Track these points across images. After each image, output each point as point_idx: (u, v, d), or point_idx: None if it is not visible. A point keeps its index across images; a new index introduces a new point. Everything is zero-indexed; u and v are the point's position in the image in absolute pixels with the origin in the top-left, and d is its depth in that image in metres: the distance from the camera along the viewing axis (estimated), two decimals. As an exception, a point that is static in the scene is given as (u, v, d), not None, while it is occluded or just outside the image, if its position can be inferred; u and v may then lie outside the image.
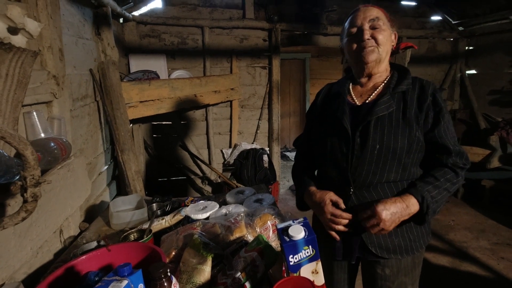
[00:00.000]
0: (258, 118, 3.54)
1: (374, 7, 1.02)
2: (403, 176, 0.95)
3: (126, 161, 2.00)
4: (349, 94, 1.08)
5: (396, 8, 3.91)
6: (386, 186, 0.95)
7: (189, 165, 3.47)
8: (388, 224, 0.86)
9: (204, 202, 1.50)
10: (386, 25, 1.00)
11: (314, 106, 1.18)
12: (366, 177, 0.95)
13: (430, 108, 0.94)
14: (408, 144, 0.92)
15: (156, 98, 2.44)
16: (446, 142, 0.93)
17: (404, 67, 1.07)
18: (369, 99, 1.02)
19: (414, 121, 0.93)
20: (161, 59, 2.99)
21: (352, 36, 1.00)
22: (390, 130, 0.93)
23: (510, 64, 3.66)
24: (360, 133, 0.95)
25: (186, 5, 3.08)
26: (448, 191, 0.91)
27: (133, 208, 1.57)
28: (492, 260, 2.40)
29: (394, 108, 0.95)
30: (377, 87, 1.03)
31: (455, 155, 0.93)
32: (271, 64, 3.39)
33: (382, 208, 0.86)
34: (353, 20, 1.00)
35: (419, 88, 0.98)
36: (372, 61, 0.98)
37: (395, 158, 0.93)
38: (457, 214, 3.23)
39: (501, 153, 3.12)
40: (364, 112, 0.98)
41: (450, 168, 0.93)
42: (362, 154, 0.94)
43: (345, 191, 0.98)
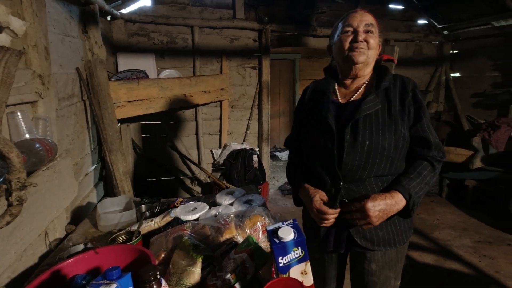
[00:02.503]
0: (248, 119, 3.54)
1: (370, 14, 1.06)
2: (390, 170, 1.00)
3: (114, 161, 1.96)
4: (334, 93, 1.11)
5: (385, 11, 3.99)
6: (374, 180, 0.99)
7: (178, 165, 3.44)
8: (375, 220, 0.91)
9: (194, 203, 1.49)
10: (377, 33, 1.05)
11: (302, 104, 1.20)
12: (356, 172, 0.98)
13: (411, 104, 1.00)
14: (395, 140, 0.96)
15: (145, 98, 2.41)
16: (428, 136, 0.98)
17: (382, 65, 1.11)
18: (354, 98, 1.06)
19: (399, 118, 0.98)
20: (150, 58, 2.96)
21: (346, 35, 1.03)
22: (378, 127, 0.97)
23: (492, 68, 3.79)
24: (350, 130, 0.98)
25: (176, 4, 3.06)
26: (428, 184, 0.97)
27: (121, 210, 1.55)
28: (474, 258, 2.48)
29: (379, 106, 0.99)
30: (360, 87, 1.08)
31: (434, 148, 0.98)
32: (261, 64, 3.40)
33: (371, 205, 0.91)
34: (350, 20, 1.03)
35: (400, 84, 1.03)
36: (361, 63, 1.02)
37: (383, 154, 0.96)
38: (442, 213, 3.32)
39: (483, 154, 3.22)
40: (351, 110, 1.02)
41: (429, 161, 0.98)
42: (353, 150, 0.97)
43: (334, 186, 1.01)
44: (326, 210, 0.98)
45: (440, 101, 4.39)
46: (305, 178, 1.13)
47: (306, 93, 1.20)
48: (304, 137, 1.13)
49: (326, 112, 1.03)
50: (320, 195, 1.02)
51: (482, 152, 3.23)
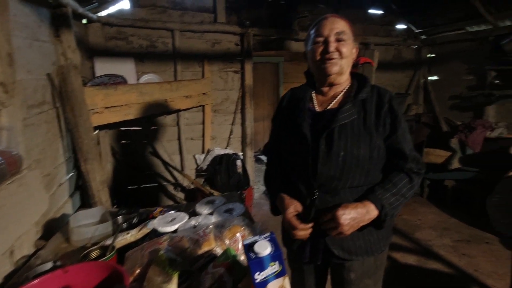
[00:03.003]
0: (231, 123, 3.51)
1: (341, 19, 1.04)
2: (366, 181, 0.99)
3: (90, 171, 1.88)
4: (311, 101, 1.10)
5: (364, 16, 4.06)
6: (349, 191, 0.98)
7: (160, 172, 3.36)
8: (346, 228, 0.90)
9: (173, 213, 1.44)
10: (350, 39, 1.03)
11: (279, 112, 1.19)
12: (331, 183, 0.97)
13: (387, 115, 0.98)
14: (370, 151, 0.96)
15: (124, 103, 2.34)
16: (403, 147, 0.97)
17: (363, 75, 1.11)
18: (330, 106, 1.05)
19: (373, 129, 0.97)
20: (129, 62, 2.88)
21: (317, 45, 1.02)
22: (353, 138, 0.96)
23: (467, 71, 3.92)
24: (325, 140, 0.97)
25: (156, 8, 3.00)
26: (404, 197, 0.96)
27: (97, 222, 1.48)
28: (454, 257, 2.53)
29: (355, 116, 0.98)
30: (337, 95, 1.07)
31: (411, 161, 0.97)
32: (243, 68, 3.38)
33: (342, 213, 0.89)
34: (320, 29, 1.02)
35: (377, 95, 1.01)
36: (334, 73, 1.01)
37: (358, 165, 0.95)
38: (423, 214, 3.39)
39: (460, 155, 3.32)
40: (327, 119, 1.00)
41: (406, 173, 0.97)
42: (328, 160, 0.95)
43: (309, 196, 1.00)
44: (296, 225, 0.97)
45: (419, 103, 4.51)
46: (283, 186, 1.11)
47: (283, 100, 1.19)
48: (280, 145, 1.12)
49: (302, 121, 1.02)
50: (295, 206, 1.01)
51: (460, 153, 3.33)
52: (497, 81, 3.52)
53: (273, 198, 1.14)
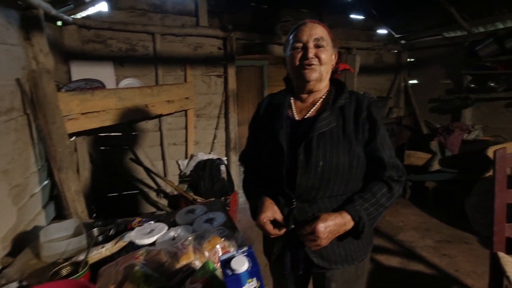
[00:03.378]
0: (215, 128, 3.47)
1: (320, 25, 1.03)
2: (345, 190, 0.97)
3: (64, 180, 1.79)
4: (290, 108, 1.08)
5: (346, 21, 4.12)
6: (328, 200, 0.96)
7: (142, 178, 3.26)
8: (325, 241, 0.89)
9: (152, 224, 1.39)
10: (329, 45, 1.02)
11: (256, 118, 1.16)
12: (310, 193, 0.95)
13: (365, 122, 0.97)
14: (349, 160, 0.94)
15: (101, 109, 2.26)
16: (382, 155, 0.96)
17: (341, 81, 1.10)
18: (309, 114, 1.03)
19: (353, 137, 0.95)
20: (107, 66, 2.79)
21: (296, 51, 1.00)
22: (332, 146, 0.94)
23: (444, 75, 4.05)
24: (304, 149, 0.95)
25: (135, 10, 2.92)
26: (384, 206, 0.94)
27: (70, 236, 1.40)
28: (436, 258, 2.58)
29: (334, 124, 0.96)
30: (316, 102, 1.05)
31: (390, 168, 0.96)
32: (226, 72, 3.35)
33: (322, 226, 0.87)
34: (299, 35, 1.00)
35: (356, 102, 1.00)
36: (313, 80, 1.00)
37: (337, 174, 0.94)
38: (406, 215, 3.44)
39: (440, 157, 3.40)
40: (305, 127, 0.98)
41: (385, 182, 0.96)
42: (306, 171, 0.93)
43: (287, 206, 0.97)
44: (269, 229, 0.95)
45: (400, 106, 4.61)
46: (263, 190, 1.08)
47: (260, 107, 1.16)
48: (257, 154, 1.09)
49: (279, 130, 0.99)
50: (273, 211, 0.97)
51: (440, 155, 3.41)
52: (472, 85, 3.64)
53: (253, 202, 1.10)
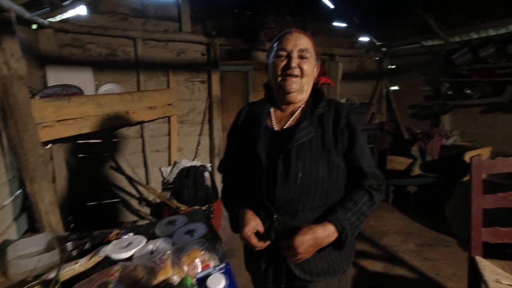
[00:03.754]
0: (199, 134, 3.42)
1: (306, 36, 1.03)
2: (326, 201, 0.96)
3: (38, 191, 1.71)
4: (269, 117, 1.06)
5: (329, 28, 4.19)
6: (309, 212, 0.95)
7: (123, 186, 3.17)
8: (306, 255, 0.88)
9: (130, 237, 1.33)
10: (313, 57, 1.02)
11: (235, 128, 1.14)
12: (290, 205, 0.93)
13: (344, 131, 0.96)
14: (329, 171, 0.93)
15: (79, 116, 2.17)
16: (361, 164, 0.96)
17: (320, 90, 1.09)
18: (288, 125, 1.02)
19: (332, 147, 0.95)
20: (86, 71, 2.70)
21: (279, 59, 1.00)
22: (311, 157, 0.93)
23: (423, 82, 4.17)
24: (283, 161, 0.93)
25: (116, 15, 2.86)
26: (365, 215, 0.94)
27: (42, 251, 1.33)
28: (418, 262, 2.62)
29: (313, 134, 0.95)
30: (295, 112, 1.04)
31: (370, 177, 0.96)
32: (210, 78, 3.32)
33: (301, 240, 0.86)
34: (284, 43, 0.99)
35: (334, 110, 1.00)
36: (294, 91, 1.00)
37: (317, 186, 0.93)
38: (389, 219, 3.49)
39: (421, 162, 3.49)
40: (284, 138, 0.97)
41: (366, 190, 0.96)
42: (286, 183, 0.92)
43: (268, 218, 0.95)
44: (254, 243, 0.93)
45: (382, 112, 4.71)
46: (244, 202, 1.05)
47: (239, 116, 1.14)
48: (236, 165, 1.07)
49: (257, 141, 0.98)
50: (256, 223, 0.95)
51: (420, 160, 3.49)
52: (450, 92, 3.77)
53: (233, 213, 1.08)
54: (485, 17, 3.23)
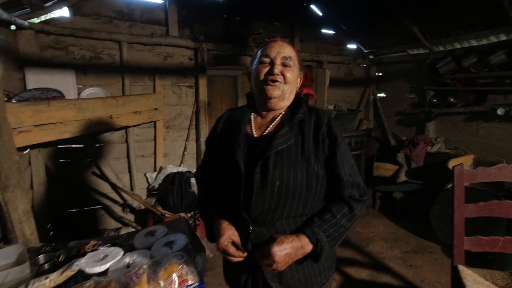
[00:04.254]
0: (185, 139, 3.37)
1: (290, 45, 1.03)
2: (304, 211, 0.93)
3: (10, 200, 1.63)
4: (249, 124, 1.05)
5: (318, 35, 4.23)
6: (286, 222, 0.92)
7: (107, 192, 3.08)
8: (281, 265, 0.85)
9: (106, 249, 1.28)
10: (296, 66, 1.02)
11: (214, 134, 1.11)
12: (266, 216, 0.91)
13: (325, 138, 0.95)
14: (307, 180, 0.91)
15: (58, 121, 2.10)
16: (342, 173, 0.93)
17: (300, 97, 1.08)
18: (267, 131, 1.00)
19: (312, 154, 0.93)
20: (68, 74, 2.63)
21: (262, 65, 0.99)
22: (289, 165, 0.90)
23: (409, 90, 4.25)
24: (260, 169, 0.90)
25: (100, 17, 2.80)
26: (345, 227, 0.91)
27: (11, 264, 1.26)
28: (403, 269, 2.62)
29: (293, 140, 0.93)
30: (275, 118, 1.03)
31: (350, 187, 0.93)
32: (197, 83, 3.29)
33: (277, 250, 0.84)
34: (268, 50, 1.00)
35: (315, 117, 0.98)
36: (275, 97, 0.99)
37: (295, 195, 0.90)
38: (375, 226, 3.51)
39: (407, 169, 3.53)
40: (263, 145, 0.95)
41: (346, 201, 0.93)
42: (262, 192, 0.89)
43: (244, 228, 0.92)
44: (232, 252, 0.89)
45: (370, 118, 4.77)
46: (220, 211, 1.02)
47: (219, 122, 1.11)
48: (213, 173, 1.04)
49: (236, 148, 0.95)
50: (231, 233, 0.92)
51: (406, 167, 3.53)
52: (435, 100, 3.84)
53: (209, 222, 1.04)
54: (467, 28, 3.32)
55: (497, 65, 3.16)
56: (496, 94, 3.32)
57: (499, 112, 3.16)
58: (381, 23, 3.86)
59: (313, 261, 0.92)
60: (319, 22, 4.21)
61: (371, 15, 3.82)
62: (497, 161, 3.18)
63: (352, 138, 3.70)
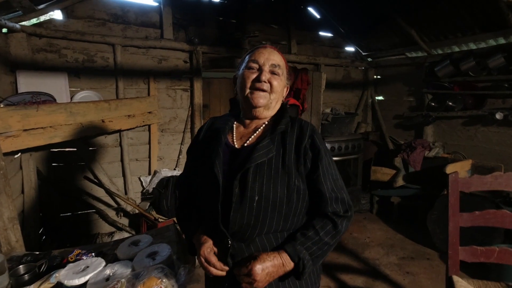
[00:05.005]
0: (181, 143, 3.33)
1: (279, 53, 1.01)
2: (285, 226, 0.90)
3: (-4, 206, 1.60)
4: (231, 133, 1.01)
5: (315, 38, 4.20)
6: (266, 238, 0.89)
7: (100, 196, 3.05)
8: (262, 284, 0.82)
9: (88, 259, 1.25)
10: (284, 75, 1.00)
11: (195, 143, 1.08)
12: (246, 231, 0.87)
13: (307, 151, 0.92)
14: (288, 194, 0.87)
15: (48, 125, 2.07)
16: (323, 189, 0.90)
17: (284, 108, 1.05)
18: (248, 142, 0.97)
19: (293, 168, 0.89)
20: (61, 77, 2.60)
21: (250, 71, 0.96)
22: (270, 179, 0.87)
23: (407, 93, 4.20)
24: (239, 182, 0.87)
25: (94, 20, 2.77)
26: (328, 244, 0.88)
27: (-9, 274, 1.22)
28: (399, 276, 2.58)
29: (274, 153, 0.90)
30: (258, 128, 1.00)
31: (334, 203, 0.90)
32: (192, 86, 3.26)
33: (258, 268, 0.81)
34: (257, 55, 0.97)
35: (298, 129, 0.95)
36: (261, 106, 0.96)
37: (275, 210, 0.87)
38: (372, 231, 3.46)
39: (404, 173, 3.48)
40: (243, 157, 0.91)
41: (329, 218, 0.89)
42: (241, 206, 0.86)
43: (223, 244, 0.88)
44: (214, 261, 0.86)
45: (368, 122, 4.72)
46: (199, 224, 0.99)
47: (201, 131, 1.08)
48: (193, 183, 1.01)
49: (215, 159, 0.91)
50: (211, 245, 0.89)
51: (403, 171, 3.49)
52: (433, 104, 3.80)
53: (189, 235, 1.01)
54: (465, 31, 3.28)
55: (495, 68, 3.11)
56: (494, 98, 3.27)
57: (498, 116, 3.12)
58: (379, 25, 3.83)
59: (296, 278, 0.89)
60: (317, 25, 4.17)
61: (369, 17, 3.79)
62: (495, 166, 3.14)
63: (349, 142, 3.66)
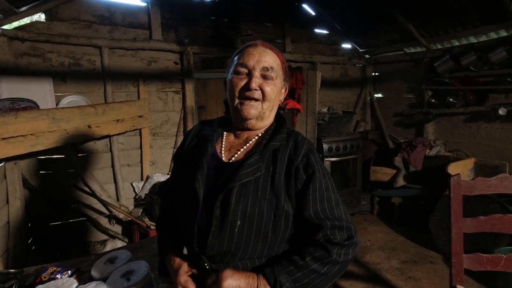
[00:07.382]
0: (173, 147, 3.24)
1: (274, 52, 0.87)
2: (269, 253, 0.80)
3: (-31, 221, 1.51)
4: (221, 142, 0.90)
5: (311, 35, 4.09)
6: (247, 262, 0.79)
7: (92, 204, 2.95)
8: None
9: (59, 280, 1.15)
10: (280, 77, 0.87)
11: (181, 150, 0.97)
12: (224, 257, 0.77)
13: (299, 172, 0.80)
14: (274, 219, 0.77)
15: (29, 132, 1.98)
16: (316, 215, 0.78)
17: (283, 118, 0.94)
18: (236, 157, 0.86)
19: (282, 190, 0.78)
20: (46, 82, 2.51)
21: (238, 77, 0.84)
22: (255, 201, 0.76)
23: (407, 90, 4.09)
24: (221, 203, 0.76)
25: (79, 22, 2.68)
26: (318, 272, 0.74)
27: (-44, 297, 1.14)
28: (401, 281, 2.48)
29: (263, 171, 0.79)
30: (250, 140, 0.88)
31: (330, 230, 0.77)
32: (184, 88, 3.16)
33: (227, 275, 0.71)
34: (245, 58, 0.84)
35: (293, 146, 0.84)
36: (252, 118, 0.84)
37: (259, 236, 0.76)
38: (373, 233, 3.36)
39: (405, 173, 3.37)
40: (228, 173, 0.81)
41: (321, 245, 0.76)
42: (221, 231, 0.75)
43: (200, 266, 0.78)
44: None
45: (367, 120, 4.61)
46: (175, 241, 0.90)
47: (188, 136, 0.97)
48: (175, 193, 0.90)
49: (198, 170, 0.81)
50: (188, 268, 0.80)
51: (404, 171, 3.38)
52: (433, 100, 3.69)
53: (162, 254, 0.91)
54: (465, 24, 3.17)
55: (497, 62, 3.00)
56: (497, 93, 3.16)
57: (501, 112, 3.00)
58: (376, 21, 3.71)
59: None
60: (312, 22, 4.07)
61: (366, 13, 3.68)
62: (499, 165, 3.02)
63: (348, 142, 3.55)
